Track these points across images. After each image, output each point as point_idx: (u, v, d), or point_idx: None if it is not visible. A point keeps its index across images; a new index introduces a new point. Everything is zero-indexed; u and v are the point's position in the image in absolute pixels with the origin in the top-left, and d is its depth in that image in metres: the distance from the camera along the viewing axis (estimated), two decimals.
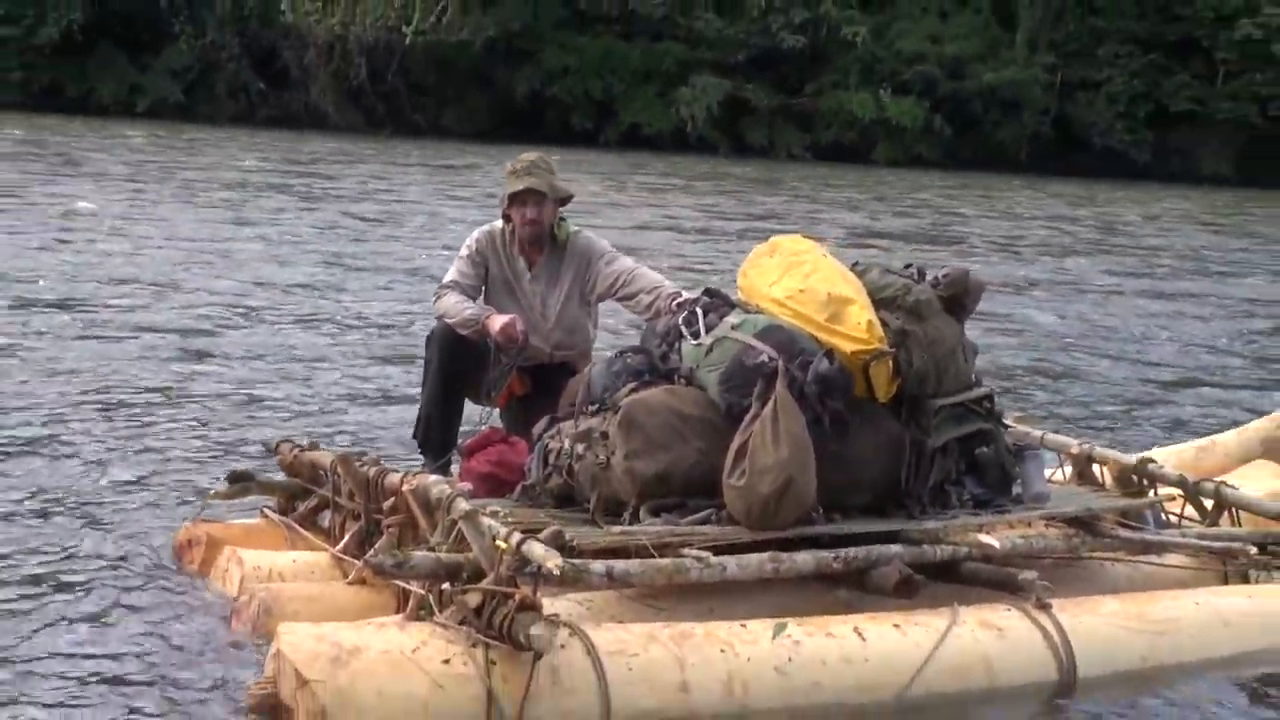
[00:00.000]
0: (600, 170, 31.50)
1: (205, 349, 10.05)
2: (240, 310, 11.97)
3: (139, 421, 7.69)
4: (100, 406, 7.92)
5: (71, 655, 4.46)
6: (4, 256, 14.09)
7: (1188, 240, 26.18)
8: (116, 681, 4.29)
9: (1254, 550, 5.46)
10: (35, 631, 4.63)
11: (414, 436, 6.47)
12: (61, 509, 5.97)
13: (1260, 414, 7.73)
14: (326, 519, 5.32)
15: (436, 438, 6.31)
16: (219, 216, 19.60)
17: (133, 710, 4.12)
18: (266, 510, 5.56)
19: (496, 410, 6.41)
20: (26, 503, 6.06)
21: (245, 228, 18.43)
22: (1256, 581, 5.42)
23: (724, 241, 19.06)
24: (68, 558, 5.35)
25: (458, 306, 6.24)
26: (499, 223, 6.48)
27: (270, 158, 33.05)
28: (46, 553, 5.41)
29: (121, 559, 5.35)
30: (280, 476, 5.66)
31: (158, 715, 4.09)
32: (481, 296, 6.35)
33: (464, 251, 6.41)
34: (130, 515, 5.91)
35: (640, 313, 6.40)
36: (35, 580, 5.10)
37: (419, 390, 6.59)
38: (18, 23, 49.53)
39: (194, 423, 7.75)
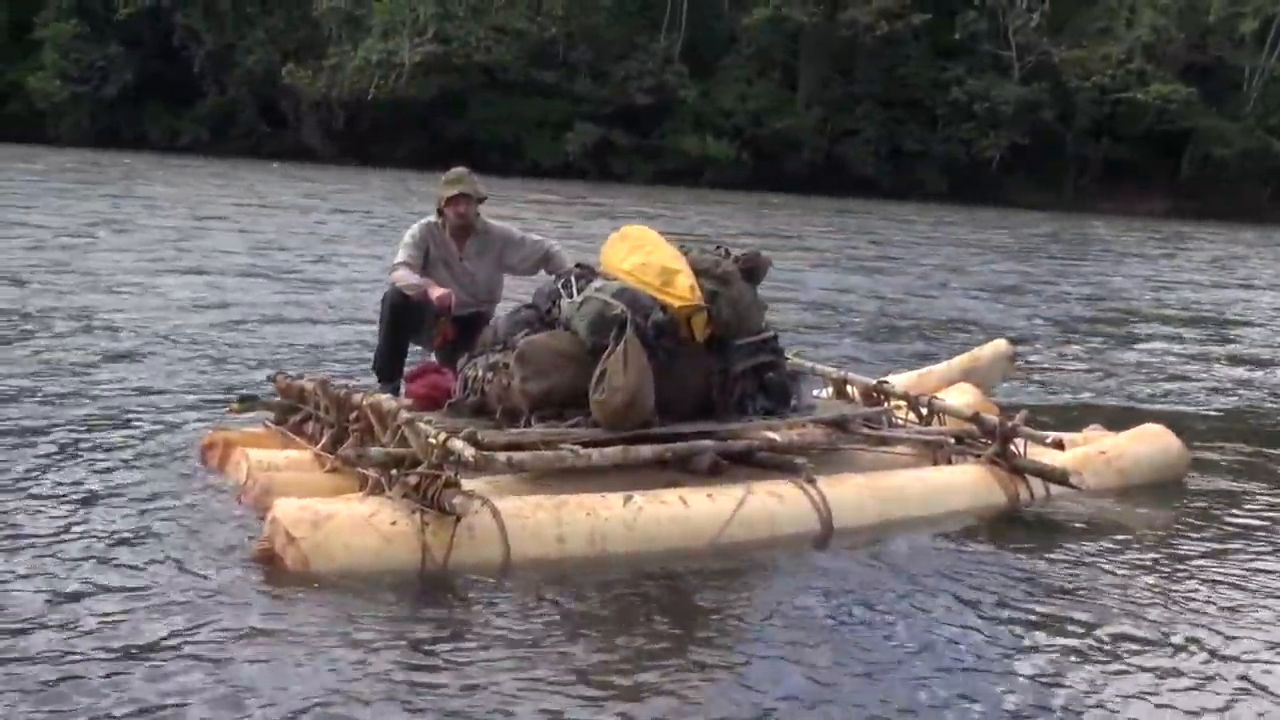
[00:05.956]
0: (511, 193, 31.17)
1: (228, 303, 9.80)
2: (262, 278, 11.69)
3: (179, 360, 7.49)
4: (168, 350, 7.69)
5: (128, 522, 4.35)
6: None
7: (907, 233, 26.64)
8: (161, 540, 4.18)
9: (953, 442, 5.60)
10: (102, 503, 4.53)
11: (372, 367, 6.34)
12: (123, 422, 5.81)
13: (961, 351, 7.87)
14: (310, 428, 5.21)
15: (388, 368, 6.20)
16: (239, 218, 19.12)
17: (170, 558, 4.02)
18: (266, 422, 5.44)
19: (434, 350, 6.33)
20: (98, 415, 5.90)
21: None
22: (953, 463, 5.53)
23: (596, 230, 18.93)
24: (127, 455, 5.21)
25: (406, 277, 6.12)
26: (430, 218, 6.35)
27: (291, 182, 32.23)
28: (114, 450, 5.27)
29: (164, 456, 5.22)
30: (277, 398, 5.54)
31: (191, 562, 3.99)
32: (421, 270, 6.23)
33: (408, 240, 6.28)
34: (170, 426, 5.76)
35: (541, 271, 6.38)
36: (104, 470, 4.98)
37: (376, 334, 6.46)
38: (88, 83, 48.58)
39: (216, 360, 7.55)
